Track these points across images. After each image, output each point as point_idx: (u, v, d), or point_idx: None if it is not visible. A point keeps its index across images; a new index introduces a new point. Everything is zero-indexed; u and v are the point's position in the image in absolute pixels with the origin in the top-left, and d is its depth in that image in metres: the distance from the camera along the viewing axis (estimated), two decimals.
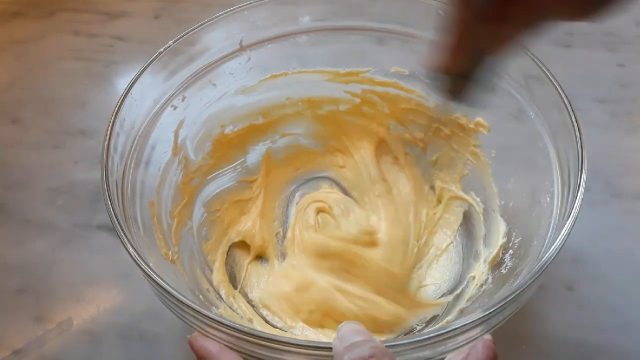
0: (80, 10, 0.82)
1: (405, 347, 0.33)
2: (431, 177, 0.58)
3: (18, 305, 0.53)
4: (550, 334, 0.49)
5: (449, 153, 0.56)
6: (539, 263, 0.36)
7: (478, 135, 0.53)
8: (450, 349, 0.35)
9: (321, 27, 0.56)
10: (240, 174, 0.59)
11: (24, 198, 0.61)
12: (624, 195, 0.58)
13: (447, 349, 0.34)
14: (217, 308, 0.47)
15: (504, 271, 0.46)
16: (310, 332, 0.48)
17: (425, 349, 0.33)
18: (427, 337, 0.33)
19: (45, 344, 0.50)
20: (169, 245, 0.48)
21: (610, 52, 0.70)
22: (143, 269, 0.37)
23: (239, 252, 0.56)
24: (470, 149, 0.54)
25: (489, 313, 0.34)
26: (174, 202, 0.52)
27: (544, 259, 0.36)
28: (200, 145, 0.56)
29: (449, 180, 0.57)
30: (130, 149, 0.47)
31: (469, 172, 0.56)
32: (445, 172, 0.57)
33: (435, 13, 0.51)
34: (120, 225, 0.39)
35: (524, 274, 0.40)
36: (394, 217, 0.55)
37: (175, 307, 0.37)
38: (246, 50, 0.55)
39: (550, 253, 0.36)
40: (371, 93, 0.58)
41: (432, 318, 0.49)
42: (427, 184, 0.58)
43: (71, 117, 0.69)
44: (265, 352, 0.34)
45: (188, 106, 0.53)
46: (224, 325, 0.34)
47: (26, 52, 0.77)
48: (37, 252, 0.57)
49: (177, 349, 0.49)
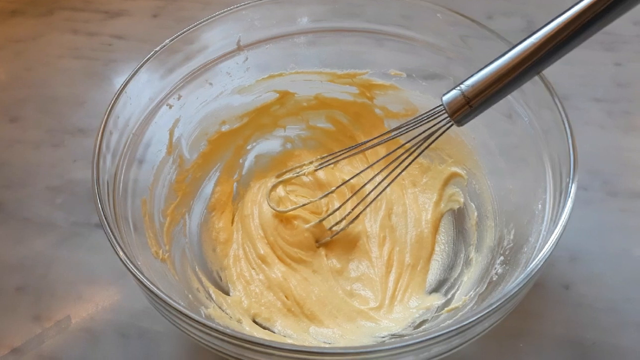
0: (79, 8, 0.82)
1: (384, 352, 0.34)
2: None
3: (17, 303, 0.53)
4: (547, 332, 0.49)
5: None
6: (519, 279, 0.36)
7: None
8: (434, 355, 0.35)
9: (319, 28, 0.56)
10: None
11: (22, 197, 0.61)
12: (621, 194, 0.58)
13: (431, 355, 0.35)
14: (207, 308, 0.47)
15: (494, 278, 0.46)
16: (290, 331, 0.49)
17: (408, 355, 0.34)
18: (400, 345, 0.33)
19: (43, 343, 0.51)
20: (160, 244, 0.48)
21: (607, 51, 0.70)
22: (128, 268, 0.37)
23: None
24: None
25: (465, 325, 0.34)
26: (167, 200, 0.52)
27: (526, 271, 0.36)
28: (196, 144, 0.56)
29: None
30: (124, 147, 0.47)
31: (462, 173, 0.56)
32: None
33: (433, 15, 0.51)
34: (109, 225, 0.39)
35: (512, 280, 0.41)
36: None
37: (162, 309, 0.37)
38: (244, 50, 0.55)
39: (535, 264, 0.36)
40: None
41: (421, 322, 0.49)
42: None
43: (70, 115, 0.69)
44: (252, 355, 0.35)
45: (184, 105, 0.54)
46: (208, 328, 0.34)
47: (25, 50, 0.77)
48: (36, 251, 0.57)
49: (175, 347, 0.50)
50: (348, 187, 0.57)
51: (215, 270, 0.53)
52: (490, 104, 0.41)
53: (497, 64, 0.40)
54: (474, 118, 0.43)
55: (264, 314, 0.50)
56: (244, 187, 0.59)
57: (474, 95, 0.41)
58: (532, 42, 0.39)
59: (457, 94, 0.42)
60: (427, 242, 0.54)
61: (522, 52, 0.39)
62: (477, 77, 0.41)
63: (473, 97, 0.41)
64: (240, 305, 0.50)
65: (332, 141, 0.62)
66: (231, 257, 0.54)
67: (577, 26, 0.37)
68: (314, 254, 0.54)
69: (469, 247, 0.52)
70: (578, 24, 0.37)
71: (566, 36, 0.38)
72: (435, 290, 0.52)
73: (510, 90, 0.41)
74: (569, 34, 0.38)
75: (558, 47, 0.38)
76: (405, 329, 0.48)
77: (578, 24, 0.37)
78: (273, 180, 0.58)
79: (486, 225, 0.52)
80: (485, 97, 0.41)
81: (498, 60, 0.40)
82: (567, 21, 0.37)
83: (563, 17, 0.38)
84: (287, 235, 0.54)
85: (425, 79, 0.56)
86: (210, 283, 0.51)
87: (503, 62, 0.40)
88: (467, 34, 0.51)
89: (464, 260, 0.52)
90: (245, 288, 0.52)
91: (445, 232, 0.55)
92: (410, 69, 0.56)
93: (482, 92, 0.41)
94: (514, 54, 0.40)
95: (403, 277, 0.52)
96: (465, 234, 0.54)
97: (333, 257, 0.54)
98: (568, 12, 0.38)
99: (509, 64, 0.40)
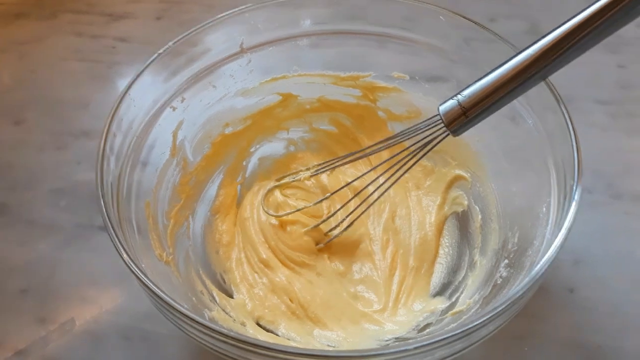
0: (82, 11, 0.82)
1: (388, 356, 0.34)
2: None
3: (21, 305, 0.53)
4: (551, 336, 0.49)
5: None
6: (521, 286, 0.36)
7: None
8: (438, 358, 0.35)
9: (322, 30, 0.56)
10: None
11: (27, 199, 0.61)
12: (625, 197, 0.58)
13: (435, 358, 0.35)
14: (210, 311, 0.47)
15: (499, 281, 0.46)
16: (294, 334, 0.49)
17: (412, 358, 0.34)
18: (401, 349, 0.33)
19: (47, 345, 0.51)
20: (163, 247, 0.48)
21: (611, 53, 0.70)
22: (132, 270, 0.37)
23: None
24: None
25: (469, 328, 0.34)
26: (170, 203, 0.52)
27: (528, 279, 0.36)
28: (199, 147, 0.56)
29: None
30: (128, 149, 0.47)
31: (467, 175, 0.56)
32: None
33: (436, 18, 0.51)
34: (112, 227, 0.39)
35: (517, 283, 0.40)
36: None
37: (166, 311, 0.37)
38: (247, 53, 0.55)
39: (539, 268, 0.36)
40: None
41: (425, 326, 0.48)
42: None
43: (74, 118, 0.69)
44: (255, 358, 0.34)
45: (187, 107, 0.54)
46: (212, 330, 0.34)
47: (29, 53, 0.77)
48: (40, 253, 0.57)
49: (179, 350, 0.50)
50: (349, 190, 0.57)
51: (219, 272, 0.53)
52: (487, 114, 0.41)
53: (494, 75, 0.40)
54: (470, 128, 0.43)
55: (268, 316, 0.50)
56: (248, 189, 0.59)
57: (470, 106, 0.41)
58: (530, 54, 0.39)
59: (453, 104, 0.42)
60: (431, 245, 0.54)
61: (519, 64, 0.39)
62: (474, 87, 0.41)
63: (469, 108, 0.41)
64: (244, 308, 0.50)
65: (335, 144, 0.62)
66: (233, 260, 0.54)
67: (574, 40, 0.37)
68: (317, 257, 0.54)
69: (473, 250, 0.52)
70: (575, 37, 0.37)
71: (563, 50, 0.38)
72: (439, 293, 0.51)
73: (507, 102, 0.41)
74: (566, 47, 0.37)
75: (554, 61, 0.38)
76: (409, 332, 0.48)
77: (575, 37, 0.37)
78: (270, 184, 0.58)
79: (490, 228, 0.52)
80: (482, 109, 0.41)
81: (495, 72, 0.40)
82: (565, 34, 0.37)
83: (562, 29, 0.38)
84: (287, 239, 0.54)
85: (428, 81, 0.56)
86: (214, 286, 0.51)
87: (500, 74, 0.40)
88: (470, 36, 0.51)
89: (468, 263, 0.52)
90: (248, 291, 0.52)
91: (449, 235, 0.55)
92: (413, 71, 0.56)
93: (478, 103, 0.41)
94: (510, 66, 0.39)
95: (407, 280, 0.52)
96: (470, 237, 0.54)
97: (336, 260, 0.54)
98: (567, 23, 0.37)
99: (505, 76, 0.39)
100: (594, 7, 0.36)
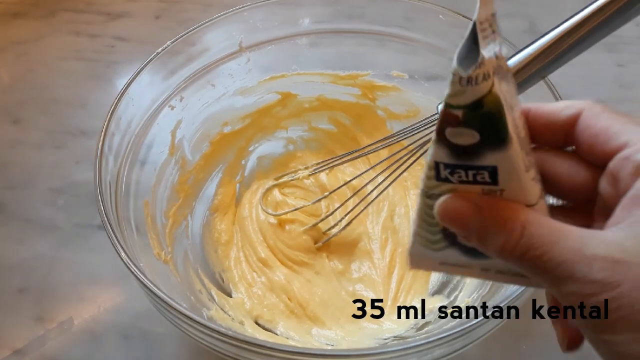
0: (81, 10, 0.82)
1: (387, 354, 0.34)
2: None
3: (19, 304, 0.53)
4: (550, 333, 0.49)
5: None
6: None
7: None
8: (436, 357, 0.35)
9: (321, 29, 0.56)
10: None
11: (25, 198, 0.61)
12: None
13: (434, 357, 0.35)
14: (209, 309, 0.47)
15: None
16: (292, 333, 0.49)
17: (411, 357, 0.34)
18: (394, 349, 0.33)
19: (46, 344, 0.51)
20: (162, 246, 0.48)
21: (610, 52, 0.70)
22: (130, 269, 0.37)
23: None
24: None
25: (468, 327, 0.34)
26: (169, 202, 0.52)
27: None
28: (198, 146, 0.56)
29: None
30: (126, 148, 0.47)
31: None
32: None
33: (435, 16, 0.51)
34: (111, 226, 0.39)
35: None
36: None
37: (164, 310, 0.37)
38: (246, 52, 0.55)
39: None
40: None
41: (424, 325, 0.48)
42: None
43: (72, 117, 0.69)
44: (254, 357, 0.34)
45: (186, 106, 0.54)
46: (210, 329, 0.34)
47: (27, 52, 0.77)
48: (38, 252, 0.57)
49: (177, 348, 0.50)
50: (348, 189, 0.57)
51: (218, 271, 0.53)
52: None
53: None
54: None
55: (267, 315, 0.50)
56: (247, 188, 0.59)
57: None
58: (528, 53, 0.39)
59: None
60: None
61: (518, 63, 0.39)
62: None
63: None
64: (243, 307, 0.50)
65: (334, 143, 0.62)
66: (232, 259, 0.54)
67: (573, 39, 0.37)
68: (315, 256, 0.54)
69: None
70: (574, 36, 0.37)
71: (562, 49, 0.38)
72: (437, 292, 0.51)
73: None
74: (565, 46, 0.37)
75: (553, 60, 0.38)
76: (407, 330, 0.48)
77: (574, 36, 0.37)
78: (269, 183, 0.58)
79: None
80: None
81: None
82: (564, 33, 0.37)
83: (561, 28, 0.37)
84: (286, 238, 0.54)
85: (428, 80, 0.56)
86: (213, 284, 0.51)
87: None
88: None
89: None
90: (247, 290, 0.52)
91: None
92: (412, 70, 0.56)
93: None
94: (509, 65, 0.39)
95: (405, 279, 0.52)
96: None
97: (335, 259, 0.54)
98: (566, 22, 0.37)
99: None
100: (593, 6, 0.36)
